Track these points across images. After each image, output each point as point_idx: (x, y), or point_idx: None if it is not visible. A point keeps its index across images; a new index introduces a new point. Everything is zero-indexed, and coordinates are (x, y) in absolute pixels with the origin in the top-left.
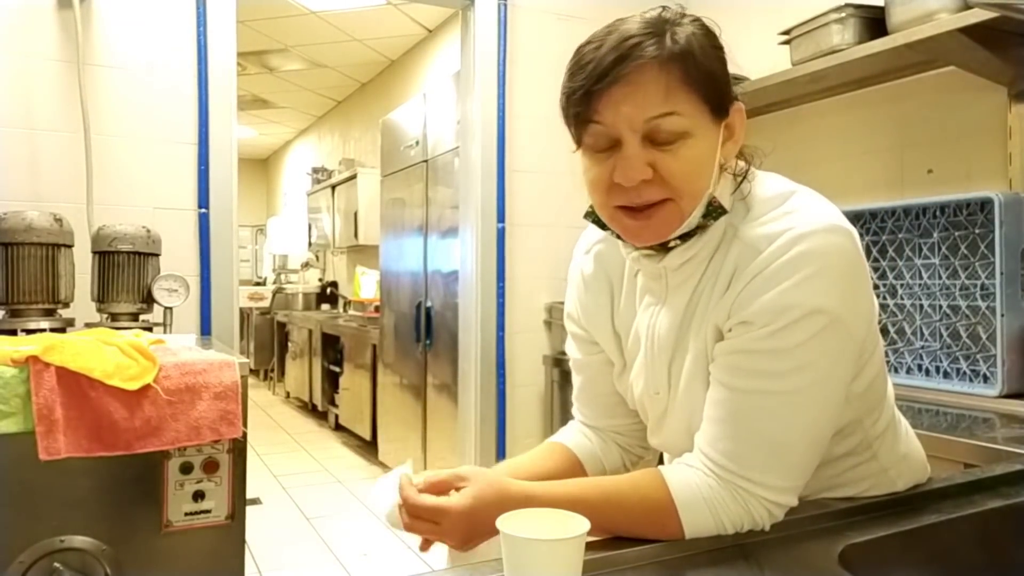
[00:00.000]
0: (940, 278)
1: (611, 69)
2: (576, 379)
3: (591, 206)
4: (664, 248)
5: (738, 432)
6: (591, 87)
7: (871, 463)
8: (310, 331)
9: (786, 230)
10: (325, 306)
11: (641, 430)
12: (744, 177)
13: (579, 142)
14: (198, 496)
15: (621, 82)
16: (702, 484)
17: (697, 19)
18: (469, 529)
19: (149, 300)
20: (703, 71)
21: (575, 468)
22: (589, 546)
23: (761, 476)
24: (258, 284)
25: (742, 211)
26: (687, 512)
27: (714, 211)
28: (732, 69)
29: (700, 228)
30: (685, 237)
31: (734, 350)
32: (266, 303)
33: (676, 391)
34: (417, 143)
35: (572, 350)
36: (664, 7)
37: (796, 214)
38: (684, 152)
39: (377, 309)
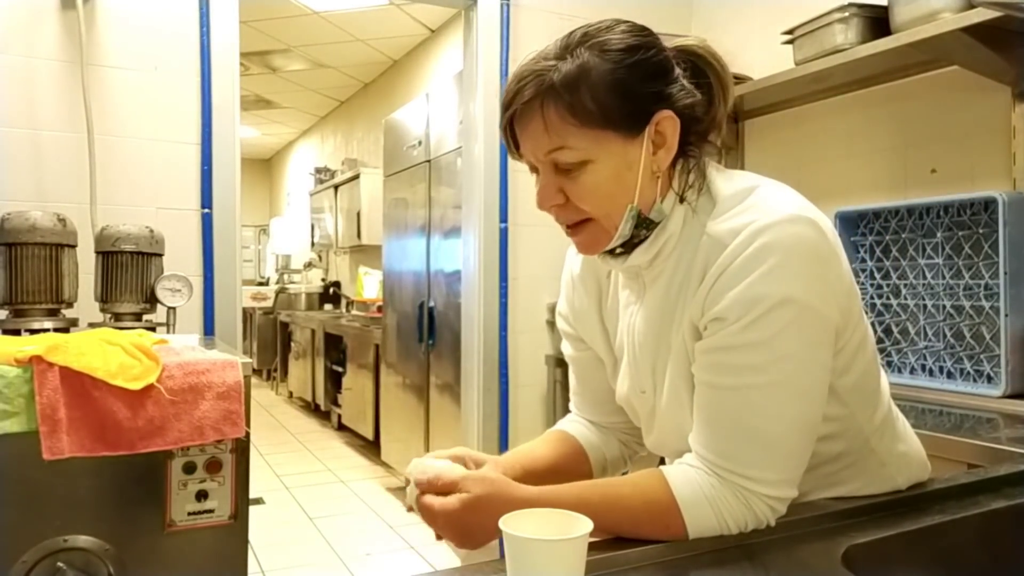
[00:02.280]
0: (944, 278)
1: (505, 111)
2: (571, 374)
3: None
4: (614, 252)
5: (729, 430)
6: (503, 125)
7: (869, 459)
8: (313, 331)
9: (749, 223)
10: (328, 306)
11: (635, 427)
12: (686, 183)
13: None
14: (201, 496)
15: (518, 122)
16: (704, 484)
17: (612, 36)
18: (462, 529)
19: (152, 300)
20: (592, 100)
21: (579, 456)
22: (591, 546)
23: (758, 472)
24: (261, 284)
25: (709, 207)
26: (690, 512)
27: (644, 222)
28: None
29: (636, 238)
30: (630, 245)
31: (712, 348)
32: (269, 303)
33: (662, 390)
34: (420, 143)
35: (565, 347)
36: (592, 24)
37: (758, 207)
38: (584, 179)
39: (380, 309)
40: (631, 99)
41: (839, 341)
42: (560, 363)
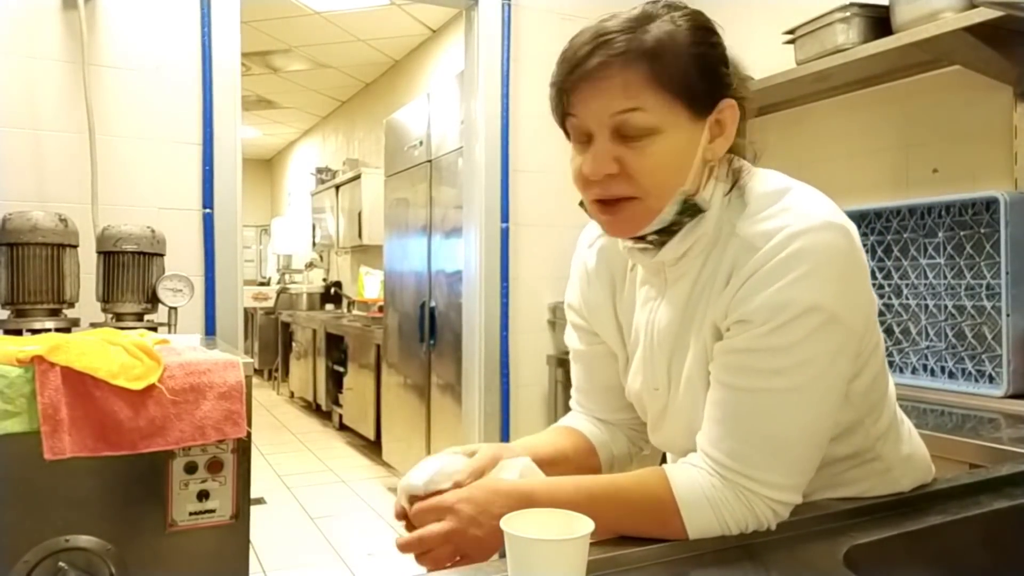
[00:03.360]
0: (945, 278)
1: (580, 64)
2: (576, 369)
3: None
4: (644, 240)
5: (740, 431)
6: (565, 81)
7: (874, 463)
8: (314, 331)
9: (782, 228)
10: (329, 306)
11: (642, 423)
12: (737, 178)
13: (567, 134)
14: (202, 496)
15: (589, 77)
16: (705, 483)
17: (689, 14)
18: (473, 513)
19: (154, 300)
20: (676, 68)
21: (589, 451)
22: (592, 546)
23: (764, 475)
24: (262, 284)
25: (739, 207)
26: (689, 511)
27: (689, 209)
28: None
29: (676, 224)
30: (666, 232)
31: (733, 349)
32: (270, 303)
33: (677, 388)
34: (421, 143)
35: (573, 340)
36: (656, 1)
37: (792, 211)
38: (651, 149)
39: (381, 309)
40: (707, 78)
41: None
42: (561, 363)
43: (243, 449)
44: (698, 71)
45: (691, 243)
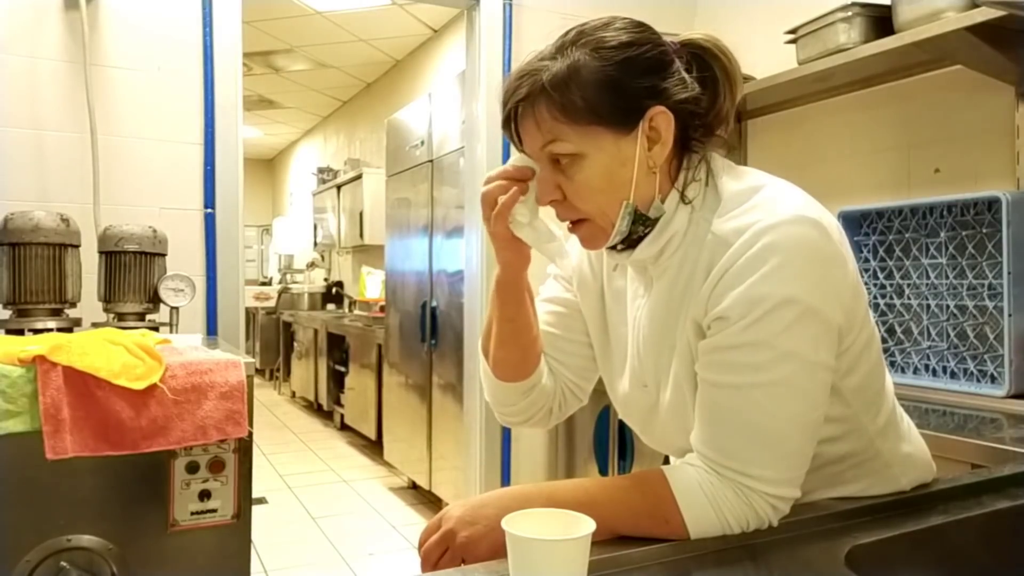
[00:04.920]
0: (947, 278)
1: (504, 108)
2: (544, 310)
3: None
4: (617, 248)
5: (730, 428)
6: (504, 122)
7: (874, 461)
8: (316, 331)
9: (752, 224)
10: (330, 306)
11: (572, 391)
12: (689, 179)
13: None
14: (204, 495)
15: (519, 119)
16: (703, 481)
17: (596, 38)
18: (462, 514)
19: (155, 300)
20: (579, 97)
21: (539, 354)
22: (593, 546)
23: (759, 470)
24: (264, 284)
25: (715, 204)
26: (688, 508)
27: (641, 218)
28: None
29: (636, 234)
30: (633, 241)
31: (715, 347)
32: (272, 303)
33: (666, 386)
34: (422, 143)
35: (556, 290)
36: (588, 22)
37: (763, 207)
38: (578, 176)
39: (382, 309)
40: (622, 95)
41: (843, 342)
42: None
43: (245, 449)
44: (608, 92)
45: (665, 241)
